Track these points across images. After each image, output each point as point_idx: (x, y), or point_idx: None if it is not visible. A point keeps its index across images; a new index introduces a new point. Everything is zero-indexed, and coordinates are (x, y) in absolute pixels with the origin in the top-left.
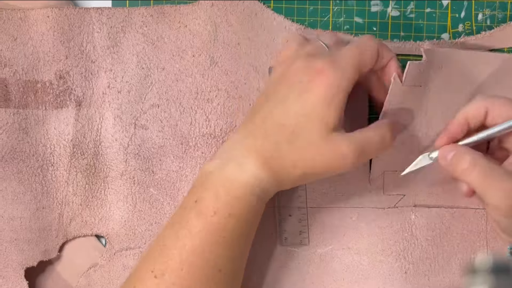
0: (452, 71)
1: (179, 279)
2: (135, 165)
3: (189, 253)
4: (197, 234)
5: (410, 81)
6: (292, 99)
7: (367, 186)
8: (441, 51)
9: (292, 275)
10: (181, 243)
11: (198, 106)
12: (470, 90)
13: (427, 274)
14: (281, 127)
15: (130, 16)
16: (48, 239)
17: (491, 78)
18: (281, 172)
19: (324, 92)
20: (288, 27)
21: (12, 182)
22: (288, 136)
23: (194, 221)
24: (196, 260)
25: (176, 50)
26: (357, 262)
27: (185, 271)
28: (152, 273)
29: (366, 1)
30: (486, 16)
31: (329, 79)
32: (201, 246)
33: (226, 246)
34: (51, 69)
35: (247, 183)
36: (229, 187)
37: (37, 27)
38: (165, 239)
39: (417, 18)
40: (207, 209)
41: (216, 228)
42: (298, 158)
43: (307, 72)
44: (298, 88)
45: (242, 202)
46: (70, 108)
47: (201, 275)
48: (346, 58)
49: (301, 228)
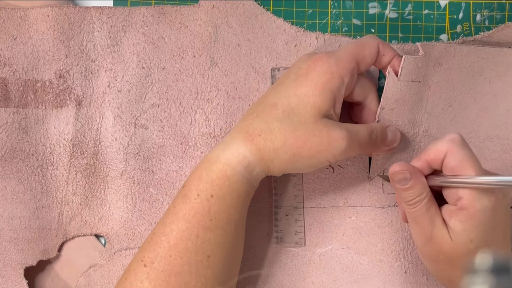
0: (452, 66)
1: (168, 265)
2: (135, 164)
3: (177, 239)
4: (183, 218)
5: (407, 76)
6: (287, 83)
7: (366, 186)
8: (439, 45)
9: (291, 275)
10: (168, 228)
11: (198, 106)
12: (471, 85)
13: (426, 273)
14: (272, 106)
15: (131, 15)
16: (47, 239)
17: (492, 73)
18: (269, 151)
19: (318, 76)
20: (287, 30)
21: (11, 181)
22: (278, 115)
23: (180, 205)
24: (184, 245)
25: (176, 50)
26: (357, 262)
27: (173, 257)
28: (142, 262)
29: (364, 2)
30: (484, 17)
31: (323, 65)
32: (188, 230)
33: (213, 231)
34: (51, 68)
35: (228, 161)
36: (211, 167)
37: (37, 26)
38: (155, 228)
39: (415, 20)
40: (191, 192)
41: (201, 210)
42: (289, 136)
43: (306, 60)
44: (295, 73)
45: (223, 181)
46: (70, 107)
47: (189, 260)
48: (344, 49)
49: (297, 229)
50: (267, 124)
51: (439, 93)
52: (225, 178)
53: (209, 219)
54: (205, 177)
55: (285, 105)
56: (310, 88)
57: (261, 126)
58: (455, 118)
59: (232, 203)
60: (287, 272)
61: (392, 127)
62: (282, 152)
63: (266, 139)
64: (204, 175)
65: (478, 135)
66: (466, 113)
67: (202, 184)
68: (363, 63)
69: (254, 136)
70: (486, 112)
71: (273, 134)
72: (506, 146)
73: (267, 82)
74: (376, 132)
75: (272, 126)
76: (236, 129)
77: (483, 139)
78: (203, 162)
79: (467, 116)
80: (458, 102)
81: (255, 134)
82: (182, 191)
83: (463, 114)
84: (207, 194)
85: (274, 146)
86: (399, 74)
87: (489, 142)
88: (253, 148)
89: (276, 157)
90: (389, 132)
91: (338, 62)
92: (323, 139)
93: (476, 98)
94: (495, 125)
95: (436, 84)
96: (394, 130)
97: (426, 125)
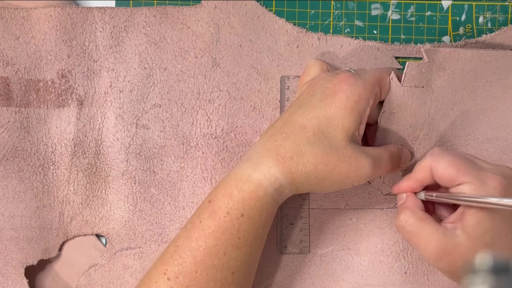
0: (455, 71)
1: (193, 281)
2: (136, 164)
3: (204, 255)
4: (211, 235)
5: (410, 82)
6: (314, 102)
7: (366, 188)
8: (443, 51)
9: (292, 275)
10: (195, 244)
11: (199, 106)
12: (472, 89)
13: (426, 273)
14: (302, 128)
15: (133, 16)
16: (48, 238)
17: (493, 76)
18: (299, 174)
19: (346, 98)
20: (289, 31)
21: (13, 180)
22: (309, 137)
23: (207, 221)
24: (211, 262)
25: (178, 50)
26: (357, 263)
27: (199, 273)
28: (165, 275)
29: (367, 4)
30: (487, 19)
31: (351, 86)
32: (216, 247)
33: (240, 248)
34: (53, 68)
35: (260, 182)
36: (242, 186)
37: (39, 26)
38: (178, 240)
39: (417, 21)
40: (220, 209)
41: (230, 228)
42: (320, 161)
43: (331, 79)
44: (321, 92)
45: (255, 202)
46: (71, 107)
47: (215, 277)
48: (369, 72)
49: (302, 237)
50: (299, 147)
51: (442, 97)
52: (257, 199)
53: (238, 237)
54: (236, 196)
55: (315, 127)
56: (340, 110)
57: (293, 148)
58: (455, 121)
59: (261, 223)
60: (287, 273)
61: (405, 149)
62: (312, 176)
63: (298, 162)
64: (235, 194)
65: (476, 138)
66: (466, 115)
67: (233, 203)
68: (385, 90)
69: (286, 158)
70: (485, 114)
71: (305, 158)
72: (505, 148)
73: (269, 83)
74: (395, 155)
75: (304, 149)
76: (264, 147)
77: (482, 141)
78: (232, 180)
79: (466, 119)
80: (458, 106)
81: (287, 157)
82: (209, 207)
83: (463, 117)
84: (237, 213)
85: (306, 170)
86: (403, 79)
87: (488, 144)
88: (285, 171)
89: (306, 180)
90: (403, 154)
91: (366, 84)
92: (352, 166)
93: (476, 101)
94: (494, 127)
95: (439, 89)
96: (406, 152)
97: (427, 128)
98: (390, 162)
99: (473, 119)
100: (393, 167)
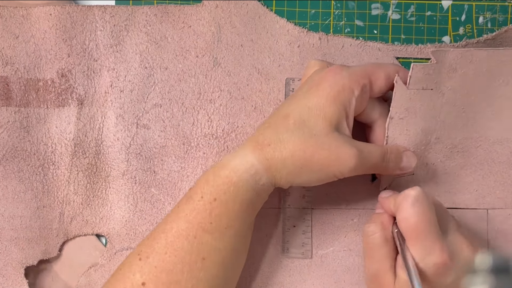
0: (468, 72)
1: (161, 262)
2: (136, 164)
3: (174, 237)
4: (184, 217)
5: (417, 84)
6: (300, 94)
7: (368, 188)
8: (454, 52)
9: (292, 276)
10: (168, 226)
11: (200, 106)
12: (485, 89)
13: None
14: (284, 118)
15: (134, 14)
16: (48, 238)
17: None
18: (276, 160)
19: (329, 87)
20: (290, 30)
21: (12, 180)
22: (289, 126)
23: (183, 206)
24: (180, 244)
25: (179, 50)
26: (358, 264)
27: (168, 255)
28: (138, 256)
29: (367, 3)
30: (487, 19)
31: (335, 76)
32: (186, 229)
33: (211, 234)
34: (53, 67)
35: (235, 168)
36: (218, 172)
37: (39, 25)
38: (157, 226)
39: (417, 21)
40: (196, 194)
41: (202, 212)
42: (298, 148)
43: (319, 72)
44: (308, 84)
45: (228, 187)
46: (72, 107)
47: (183, 259)
48: (360, 65)
49: (304, 240)
50: (277, 134)
51: (453, 100)
52: (230, 184)
53: (209, 222)
54: (212, 181)
55: (296, 116)
56: (322, 99)
57: (271, 136)
58: (467, 123)
59: (234, 209)
60: (288, 273)
61: (409, 152)
62: (290, 163)
63: (275, 149)
64: (211, 179)
65: (488, 139)
66: (478, 117)
67: (207, 187)
68: (377, 84)
69: (264, 145)
70: (498, 115)
71: (282, 144)
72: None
73: (270, 83)
74: (390, 154)
75: (282, 136)
76: (249, 139)
77: (493, 142)
78: (212, 168)
79: (478, 121)
80: (471, 107)
81: (264, 144)
82: (188, 193)
83: (475, 119)
84: (210, 197)
85: (282, 156)
86: (408, 82)
87: (498, 145)
88: (261, 157)
89: (283, 167)
90: (404, 156)
91: (351, 75)
92: (332, 154)
93: (489, 101)
94: (505, 128)
95: (450, 91)
96: (410, 155)
97: (438, 132)
98: (381, 160)
99: (486, 120)
100: (387, 166)
